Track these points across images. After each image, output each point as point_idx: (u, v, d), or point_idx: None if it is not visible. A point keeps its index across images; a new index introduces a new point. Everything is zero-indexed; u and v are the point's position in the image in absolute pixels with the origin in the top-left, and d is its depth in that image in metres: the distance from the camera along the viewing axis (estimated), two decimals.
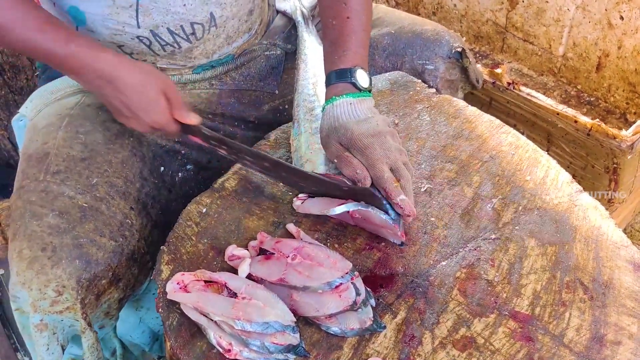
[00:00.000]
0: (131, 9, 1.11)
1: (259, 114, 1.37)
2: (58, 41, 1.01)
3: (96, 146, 1.15)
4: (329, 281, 0.88)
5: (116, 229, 1.07)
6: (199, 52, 1.25)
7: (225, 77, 1.33)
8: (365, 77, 1.07)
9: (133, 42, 1.16)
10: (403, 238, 0.98)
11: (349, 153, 1.00)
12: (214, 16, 1.19)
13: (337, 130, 1.01)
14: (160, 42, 1.18)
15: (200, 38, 1.21)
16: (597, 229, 1.00)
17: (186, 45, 1.21)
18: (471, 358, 0.84)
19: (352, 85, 1.05)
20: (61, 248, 1.00)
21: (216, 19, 1.20)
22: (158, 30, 1.15)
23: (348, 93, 1.04)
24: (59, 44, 1.00)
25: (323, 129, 1.05)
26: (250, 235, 1.02)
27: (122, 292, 1.10)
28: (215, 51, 1.28)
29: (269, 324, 0.84)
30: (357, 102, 1.04)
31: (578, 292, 0.91)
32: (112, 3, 1.10)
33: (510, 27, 2.22)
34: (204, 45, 1.24)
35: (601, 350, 0.84)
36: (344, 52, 1.09)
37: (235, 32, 1.28)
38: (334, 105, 1.04)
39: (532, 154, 1.13)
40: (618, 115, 2.00)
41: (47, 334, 1.01)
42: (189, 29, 1.18)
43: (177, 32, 1.17)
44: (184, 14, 1.15)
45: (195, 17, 1.16)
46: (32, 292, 0.98)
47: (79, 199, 1.06)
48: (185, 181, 1.28)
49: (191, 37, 1.20)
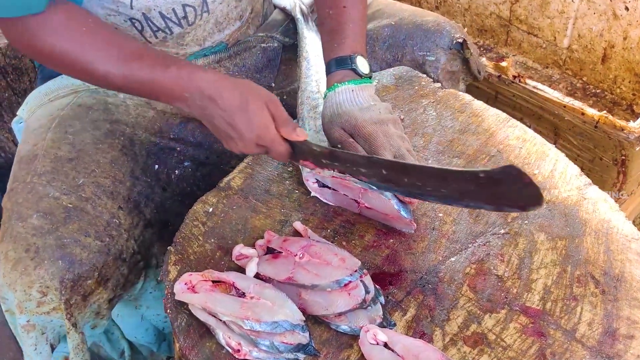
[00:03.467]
0: None
1: None
2: (157, 67, 0.97)
3: (84, 146, 1.14)
4: (337, 279, 0.87)
5: (102, 229, 1.06)
6: (191, 38, 1.23)
7: (218, 67, 1.31)
8: (366, 64, 1.07)
9: (125, 25, 1.14)
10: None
11: (352, 139, 1.00)
12: (206, 1, 1.17)
13: (340, 116, 1.02)
14: (152, 28, 1.15)
15: (192, 23, 1.19)
16: (607, 222, 0.99)
17: (178, 30, 1.18)
18: (482, 354, 0.83)
19: (353, 71, 1.06)
20: (44, 249, 1.00)
21: (208, 4, 1.18)
22: (150, 13, 1.13)
23: (350, 80, 1.05)
24: (159, 70, 0.97)
25: (325, 115, 1.05)
26: (257, 234, 1.02)
27: (112, 292, 1.09)
28: (206, 38, 1.25)
29: (278, 324, 0.83)
30: (359, 89, 1.04)
31: (589, 286, 0.90)
32: None
33: (514, 20, 2.20)
34: (195, 32, 1.22)
35: (614, 345, 0.83)
36: (343, 39, 1.09)
37: (224, 18, 1.25)
38: (336, 92, 1.04)
39: (540, 147, 1.12)
40: (625, 107, 1.98)
41: (35, 334, 1.02)
42: (180, 11, 1.15)
43: (169, 15, 1.15)
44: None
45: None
46: (17, 293, 0.98)
47: (64, 199, 1.06)
48: (183, 178, 1.27)
49: (183, 21, 1.17)
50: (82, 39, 0.97)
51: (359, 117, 1.00)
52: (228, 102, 0.95)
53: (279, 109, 0.98)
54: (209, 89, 0.95)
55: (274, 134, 0.97)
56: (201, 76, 0.96)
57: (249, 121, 0.95)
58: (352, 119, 1.00)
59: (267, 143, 0.97)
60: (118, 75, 0.97)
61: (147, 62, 0.97)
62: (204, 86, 0.95)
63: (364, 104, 1.02)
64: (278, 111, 0.98)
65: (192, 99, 0.97)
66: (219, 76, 0.97)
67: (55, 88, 1.24)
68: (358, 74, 1.06)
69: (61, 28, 0.96)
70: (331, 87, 1.06)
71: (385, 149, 0.97)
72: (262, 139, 0.96)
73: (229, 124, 0.96)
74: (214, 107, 0.96)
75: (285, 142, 0.98)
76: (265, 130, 0.96)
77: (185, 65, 0.98)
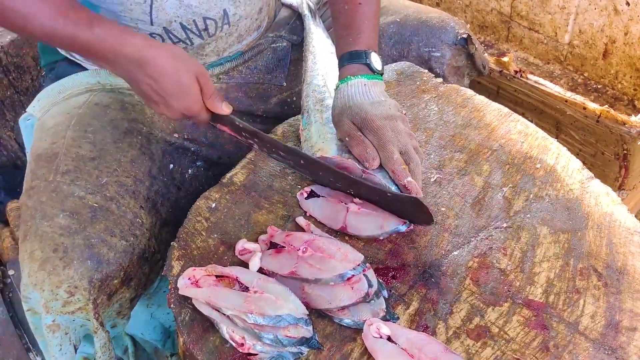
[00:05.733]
0: (145, 5, 1.10)
1: (266, 107, 1.36)
2: (81, 25, 0.97)
3: (105, 145, 1.14)
4: (340, 273, 0.87)
5: (127, 229, 1.06)
6: (210, 49, 1.24)
7: (233, 72, 1.33)
8: (379, 60, 1.10)
9: None
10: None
11: (360, 133, 1.02)
12: (227, 13, 1.19)
13: (351, 109, 1.03)
14: (172, 39, 1.17)
15: (212, 35, 1.21)
16: (609, 215, 0.99)
17: (198, 41, 1.20)
18: (486, 347, 0.83)
19: (367, 67, 1.08)
20: (73, 249, 0.99)
21: (229, 17, 1.20)
22: (171, 26, 1.14)
23: (363, 74, 1.07)
24: (82, 28, 0.96)
25: (336, 107, 1.07)
26: (260, 229, 1.02)
27: (134, 292, 1.10)
28: (226, 49, 1.27)
29: (282, 317, 0.83)
30: (371, 84, 1.06)
31: (592, 279, 0.91)
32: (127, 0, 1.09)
33: (515, 16, 2.20)
34: (215, 43, 1.24)
35: (617, 337, 0.83)
36: (357, 35, 1.11)
37: (246, 31, 1.28)
38: (348, 84, 1.06)
39: (542, 141, 1.13)
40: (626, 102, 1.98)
41: (60, 334, 1.01)
42: (201, 24, 1.17)
43: (190, 27, 1.16)
44: (196, 8, 1.14)
45: (209, 12, 1.16)
46: (44, 293, 0.98)
47: (89, 198, 1.06)
48: (196, 178, 1.28)
49: (203, 33, 1.19)
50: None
51: (369, 110, 1.02)
52: (157, 70, 0.98)
53: (207, 80, 1.03)
54: (136, 53, 0.97)
55: (201, 105, 1.03)
56: (129, 41, 0.97)
57: (180, 92, 1.00)
58: (362, 112, 1.02)
59: (194, 113, 1.04)
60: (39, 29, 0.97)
61: (70, 19, 0.97)
62: (130, 51, 0.97)
63: (375, 98, 1.04)
64: (207, 82, 1.03)
65: (117, 62, 0.98)
66: (149, 41, 0.99)
67: (70, 86, 1.24)
68: (371, 70, 1.08)
69: None
70: (344, 79, 1.08)
71: (393, 144, 0.99)
72: (189, 110, 1.02)
73: (156, 91, 1.00)
74: (141, 73, 0.98)
75: (209, 111, 1.05)
76: (194, 102, 1.02)
77: (112, 27, 0.98)
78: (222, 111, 1.05)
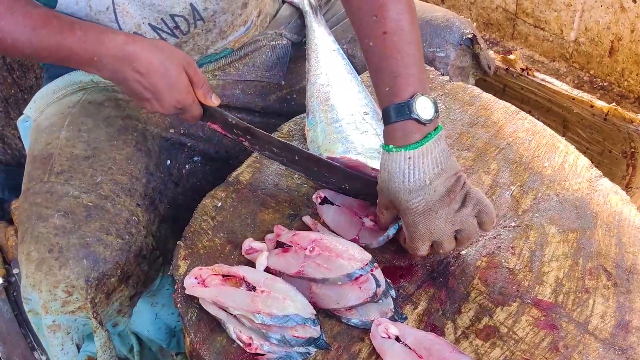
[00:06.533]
0: (109, 12, 1.06)
1: (265, 104, 1.35)
2: (64, 31, 0.96)
3: (99, 144, 1.13)
4: (348, 273, 0.87)
5: (122, 227, 1.06)
6: (190, 47, 1.20)
7: (228, 68, 1.30)
8: (429, 105, 0.87)
9: None
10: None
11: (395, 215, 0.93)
12: (196, 8, 1.13)
13: (390, 193, 0.88)
14: None
15: (186, 32, 1.16)
16: (618, 214, 0.99)
17: (173, 40, 1.16)
18: (495, 347, 0.83)
19: (415, 121, 0.86)
20: (68, 248, 0.99)
21: (200, 12, 1.14)
22: (140, 29, 1.11)
23: (408, 145, 0.86)
24: (66, 34, 0.95)
25: (382, 174, 0.89)
26: (267, 228, 1.02)
27: (133, 289, 1.09)
28: (209, 46, 1.24)
29: (289, 317, 0.83)
30: (419, 155, 0.86)
31: (601, 278, 0.90)
32: (90, 9, 1.05)
33: (520, 13, 2.19)
34: (193, 41, 1.20)
35: (627, 337, 0.83)
36: (393, 78, 0.89)
37: (229, 27, 1.24)
38: (390, 157, 0.87)
39: (550, 139, 1.12)
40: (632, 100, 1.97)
41: (61, 334, 1.01)
42: (170, 22, 1.12)
43: (160, 26, 1.12)
44: (160, 5, 1.09)
45: (174, 9, 1.10)
46: (42, 293, 0.98)
47: (84, 198, 1.06)
48: (193, 173, 1.27)
49: (176, 31, 1.14)
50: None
51: (407, 202, 0.86)
52: (143, 65, 0.96)
53: (196, 71, 1.02)
54: (120, 52, 0.96)
55: (192, 97, 1.01)
56: (111, 38, 0.96)
57: (169, 85, 0.98)
58: (400, 204, 0.88)
59: (185, 106, 1.02)
60: (26, 42, 0.96)
61: (54, 27, 0.96)
62: (115, 49, 0.96)
63: (417, 182, 0.86)
64: (196, 73, 1.01)
65: (102, 63, 0.97)
66: (132, 37, 0.98)
67: (64, 86, 1.23)
68: (421, 122, 0.86)
69: None
70: (386, 147, 0.88)
71: (423, 242, 0.88)
72: (181, 102, 1.01)
73: (145, 87, 0.98)
74: (128, 70, 0.97)
75: (200, 105, 1.03)
76: (185, 94, 1.00)
77: (92, 28, 0.97)
78: (211, 103, 1.03)
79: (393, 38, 0.90)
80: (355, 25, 0.98)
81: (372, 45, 0.92)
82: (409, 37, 0.91)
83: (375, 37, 0.91)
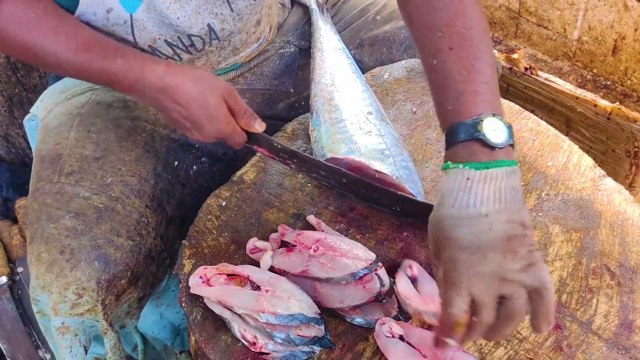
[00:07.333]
0: (126, 25, 1.06)
1: (273, 112, 1.35)
2: (107, 59, 0.95)
3: (109, 145, 1.13)
4: (352, 272, 0.87)
5: (133, 228, 1.06)
6: (202, 63, 1.21)
7: (237, 79, 1.31)
8: (501, 128, 0.74)
9: None
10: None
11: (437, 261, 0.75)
12: (213, 29, 1.13)
13: (436, 223, 0.74)
14: (159, 56, 1.13)
15: (200, 50, 1.16)
16: (622, 213, 0.99)
17: (187, 56, 1.16)
18: (499, 347, 0.83)
19: (481, 144, 0.73)
20: (79, 250, 0.99)
21: (216, 32, 1.14)
22: (156, 44, 1.10)
23: (469, 162, 0.73)
24: (109, 61, 0.95)
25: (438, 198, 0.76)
26: (271, 227, 1.02)
27: (142, 291, 1.09)
28: (221, 62, 1.24)
29: (294, 316, 0.83)
30: (479, 179, 0.71)
31: (605, 278, 0.90)
32: (107, 21, 1.05)
33: (523, 12, 2.19)
34: (206, 57, 1.20)
35: (630, 337, 0.83)
36: (458, 95, 0.78)
37: (242, 44, 1.24)
38: (448, 174, 0.74)
39: (553, 139, 1.12)
40: (635, 99, 1.97)
41: (69, 336, 1.01)
42: (187, 40, 1.12)
43: (175, 43, 1.12)
44: (178, 27, 1.09)
45: (192, 29, 1.10)
46: (52, 295, 0.98)
47: (95, 199, 1.06)
48: (200, 174, 1.27)
49: (191, 48, 1.14)
50: (30, 25, 0.95)
51: (450, 232, 0.71)
52: (183, 96, 0.95)
53: (237, 100, 1.00)
54: (160, 82, 0.95)
55: (234, 126, 1.00)
56: (152, 69, 0.95)
57: (208, 116, 0.97)
58: (442, 233, 0.72)
59: (226, 135, 1.00)
60: (70, 65, 0.97)
61: (96, 52, 0.96)
62: (154, 79, 0.95)
63: (472, 211, 0.70)
64: (236, 103, 1.00)
65: (143, 91, 0.96)
66: (171, 68, 0.96)
67: (72, 85, 1.23)
68: (489, 146, 0.73)
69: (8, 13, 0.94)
70: (444, 164, 0.76)
71: (459, 293, 0.69)
72: (222, 132, 0.99)
73: (185, 117, 0.97)
74: (167, 100, 0.96)
75: (243, 132, 1.01)
76: (225, 124, 0.98)
77: (134, 56, 0.96)
78: (255, 130, 1.01)
79: (459, 54, 0.79)
80: (418, 43, 0.88)
81: (436, 63, 0.81)
82: (481, 49, 0.80)
83: (441, 54, 0.81)
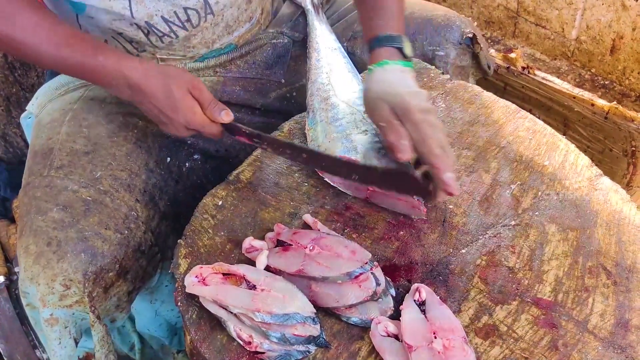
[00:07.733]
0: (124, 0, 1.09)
1: (265, 102, 1.35)
2: (87, 55, 1.00)
3: (100, 139, 1.15)
4: (348, 271, 0.87)
5: (121, 222, 1.07)
6: (197, 41, 1.22)
7: (230, 65, 1.32)
8: (410, 47, 1.05)
9: (131, 29, 1.14)
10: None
11: (399, 122, 0.95)
12: (209, 2, 1.16)
13: (393, 96, 0.96)
14: (157, 33, 1.16)
15: (196, 25, 1.18)
16: (618, 212, 0.99)
17: (183, 33, 1.18)
18: (494, 346, 0.83)
19: (400, 52, 1.03)
20: (66, 242, 1.00)
21: (211, 6, 1.17)
22: (153, 20, 1.12)
23: (400, 60, 1.02)
24: (88, 58, 1.00)
25: (371, 90, 1.00)
26: (267, 226, 1.02)
27: (131, 285, 1.10)
28: (215, 40, 1.25)
29: (289, 316, 0.83)
30: (408, 71, 1.02)
31: (601, 277, 0.90)
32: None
33: (522, 12, 2.19)
34: (202, 34, 1.21)
35: (626, 336, 0.83)
36: (389, 18, 1.07)
37: (234, 21, 1.25)
38: (385, 69, 1.01)
39: (550, 138, 1.12)
40: (633, 98, 1.97)
41: (58, 328, 1.02)
42: (183, 15, 1.15)
43: (172, 19, 1.14)
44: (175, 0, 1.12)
45: (188, 2, 1.13)
46: (40, 287, 0.99)
47: (83, 192, 1.06)
48: (193, 171, 1.28)
49: (187, 24, 1.17)
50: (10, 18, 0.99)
51: (411, 102, 0.94)
52: (153, 90, 1.01)
53: (202, 92, 1.03)
54: (134, 77, 1.00)
55: (202, 117, 1.03)
56: (126, 64, 1.01)
57: (174, 108, 1.01)
58: (404, 102, 0.95)
59: (197, 127, 1.04)
60: (49, 58, 1.02)
61: (76, 48, 1.01)
62: (129, 74, 1.00)
63: (412, 88, 0.98)
64: (202, 94, 1.03)
65: (120, 87, 1.02)
66: (144, 64, 1.02)
67: (66, 82, 1.24)
68: (404, 56, 1.04)
69: None
70: (380, 62, 1.02)
71: (432, 141, 0.93)
72: (191, 124, 1.03)
73: (159, 110, 1.02)
74: (141, 95, 1.02)
75: (216, 123, 1.04)
76: (192, 115, 1.02)
77: (112, 53, 1.02)
78: (221, 120, 1.04)
79: None
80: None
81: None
82: None
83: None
